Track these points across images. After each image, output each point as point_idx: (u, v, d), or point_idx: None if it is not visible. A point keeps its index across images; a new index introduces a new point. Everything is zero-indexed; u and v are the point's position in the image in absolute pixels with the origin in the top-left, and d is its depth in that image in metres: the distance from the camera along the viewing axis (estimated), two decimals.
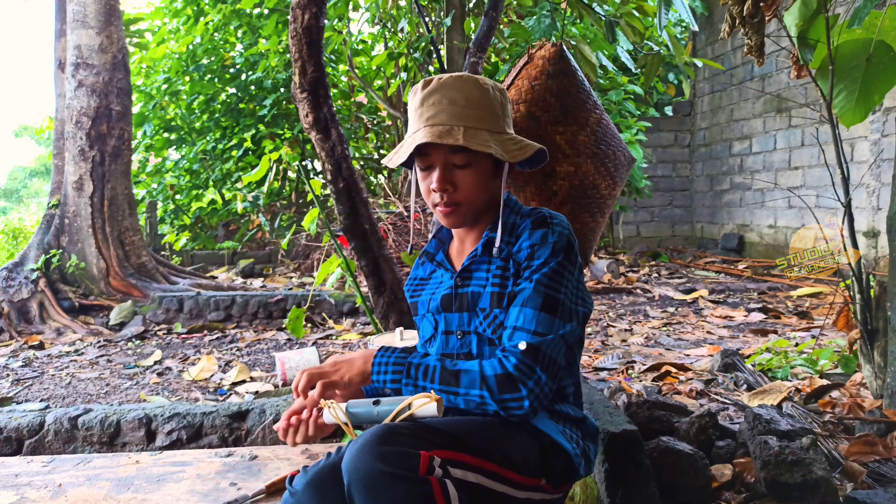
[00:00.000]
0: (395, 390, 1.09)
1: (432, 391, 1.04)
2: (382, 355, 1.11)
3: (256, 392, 2.82)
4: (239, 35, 7.93)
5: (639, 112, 6.83)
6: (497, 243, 1.19)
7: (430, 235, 1.43)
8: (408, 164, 1.27)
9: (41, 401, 2.81)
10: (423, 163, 1.19)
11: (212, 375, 3.13)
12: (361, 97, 8.10)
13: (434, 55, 5.57)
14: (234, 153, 7.61)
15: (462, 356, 1.22)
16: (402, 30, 6.32)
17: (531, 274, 1.14)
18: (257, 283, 5.95)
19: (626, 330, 3.80)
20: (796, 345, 3.00)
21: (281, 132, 7.61)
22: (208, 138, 7.90)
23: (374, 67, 6.81)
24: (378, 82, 7.54)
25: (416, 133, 1.17)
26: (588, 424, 1.21)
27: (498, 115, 1.19)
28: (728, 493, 1.59)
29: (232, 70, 7.89)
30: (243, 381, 3.01)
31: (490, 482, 1.03)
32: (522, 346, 1.07)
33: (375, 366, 1.10)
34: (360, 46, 7.50)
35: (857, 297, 1.99)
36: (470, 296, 1.23)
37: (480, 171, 1.19)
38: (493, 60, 6.57)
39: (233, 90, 7.94)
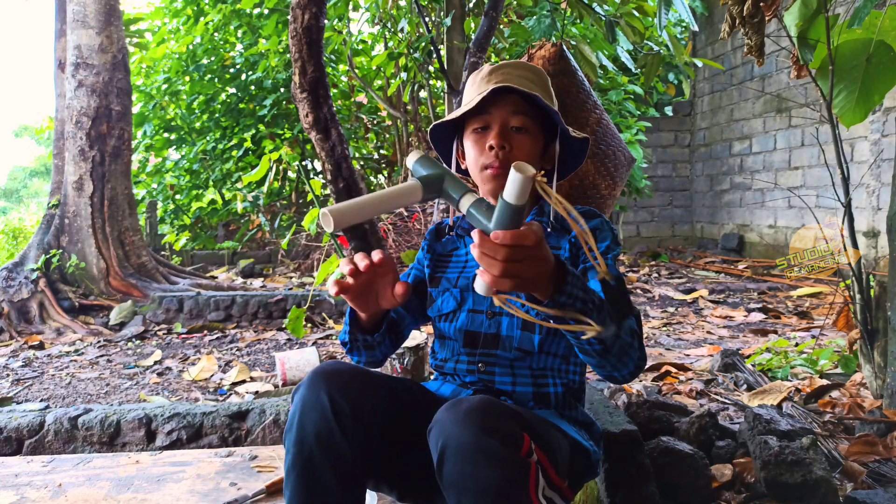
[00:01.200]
0: (581, 310, 0.90)
1: (592, 309, 0.90)
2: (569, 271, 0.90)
3: (256, 392, 2.82)
4: (239, 35, 7.93)
5: (639, 112, 6.83)
6: (551, 219, 1.22)
7: (445, 220, 1.42)
8: (441, 140, 1.29)
9: (41, 401, 2.81)
10: (480, 122, 1.19)
11: (212, 375, 3.13)
12: (361, 97, 8.10)
13: (434, 55, 5.56)
14: (234, 153, 7.61)
15: (489, 336, 1.19)
16: (402, 30, 6.32)
17: (603, 254, 1.15)
18: (257, 283, 5.95)
19: None
20: (796, 345, 3.00)
21: (281, 132, 7.61)
22: (208, 138, 7.90)
23: (374, 67, 6.81)
24: (378, 82, 7.54)
25: (487, 88, 1.16)
26: (595, 428, 1.22)
27: (556, 103, 1.23)
28: (728, 493, 1.59)
29: (232, 70, 7.89)
30: (243, 381, 3.01)
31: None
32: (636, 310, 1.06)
33: (570, 277, 0.88)
34: (360, 46, 7.50)
35: (857, 297, 2.00)
36: None
37: (535, 142, 1.20)
38: (493, 60, 6.57)
39: (233, 90, 7.94)
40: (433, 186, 0.95)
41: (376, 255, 1.00)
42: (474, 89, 1.22)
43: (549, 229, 1.22)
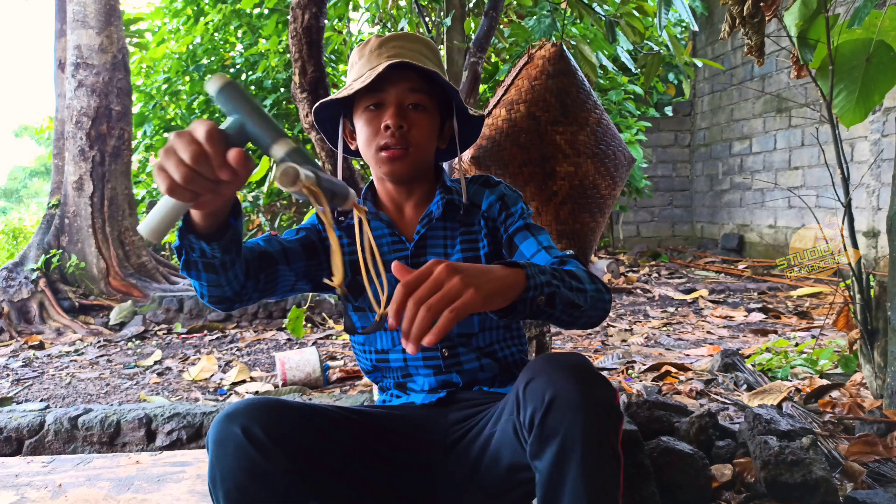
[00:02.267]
0: (549, 296, 0.88)
1: (559, 284, 0.90)
2: (530, 266, 0.89)
3: (256, 392, 2.82)
4: (239, 35, 7.93)
5: (639, 112, 6.83)
6: (465, 199, 1.17)
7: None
8: (327, 120, 1.20)
9: (41, 401, 2.81)
10: (373, 99, 1.11)
11: (212, 375, 3.13)
12: None
13: None
14: None
15: None
16: (402, 30, 6.32)
17: (518, 218, 1.15)
18: None
19: (626, 330, 3.80)
20: (796, 345, 3.00)
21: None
22: None
23: None
24: None
25: (380, 63, 1.09)
26: None
27: (446, 75, 1.19)
28: (728, 493, 1.59)
29: (232, 70, 7.89)
30: (243, 381, 3.01)
31: None
32: (569, 252, 1.07)
33: (527, 268, 0.87)
34: None
35: (857, 297, 1.99)
36: None
37: (432, 121, 1.15)
38: (493, 60, 6.57)
39: None
40: (236, 132, 0.75)
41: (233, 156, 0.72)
42: (364, 63, 1.14)
43: (461, 211, 1.18)
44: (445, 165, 1.65)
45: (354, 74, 1.16)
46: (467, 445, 1.05)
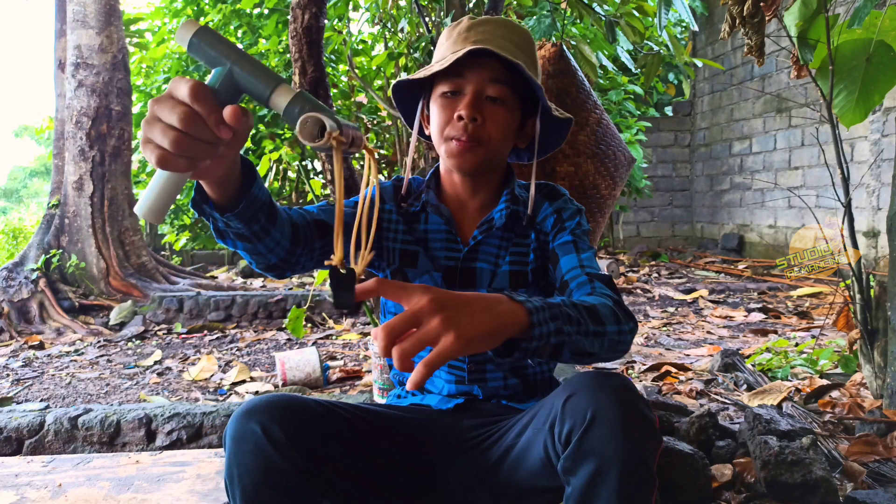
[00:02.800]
0: (555, 347, 0.80)
1: (571, 332, 0.81)
2: (531, 301, 0.79)
3: (256, 392, 2.82)
4: (239, 35, 7.93)
5: (639, 112, 6.83)
6: (529, 210, 1.10)
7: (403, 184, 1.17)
8: (405, 106, 1.14)
9: (41, 401, 2.81)
10: (452, 85, 1.04)
11: (212, 375, 3.13)
12: (361, 97, 8.10)
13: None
14: None
15: None
16: (402, 30, 6.31)
17: (568, 232, 1.09)
18: (257, 283, 5.95)
19: None
20: (796, 345, 3.00)
21: (281, 132, 7.61)
22: None
23: (374, 67, 6.81)
24: (378, 82, 7.53)
25: (463, 48, 1.01)
26: None
27: (540, 74, 1.11)
28: (728, 493, 1.59)
29: None
30: (243, 381, 3.01)
31: None
32: (605, 274, 1.03)
33: (534, 313, 0.77)
34: (360, 46, 7.50)
35: (857, 297, 1.99)
36: (477, 272, 1.12)
37: (511, 117, 1.07)
38: None
39: None
40: (224, 85, 0.64)
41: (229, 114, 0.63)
42: (448, 45, 1.07)
43: (523, 223, 1.13)
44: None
45: (438, 56, 1.09)
46: (483, 452, 1.03)
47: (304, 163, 7.24)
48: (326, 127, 0.63)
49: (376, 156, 0.78)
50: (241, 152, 0.76)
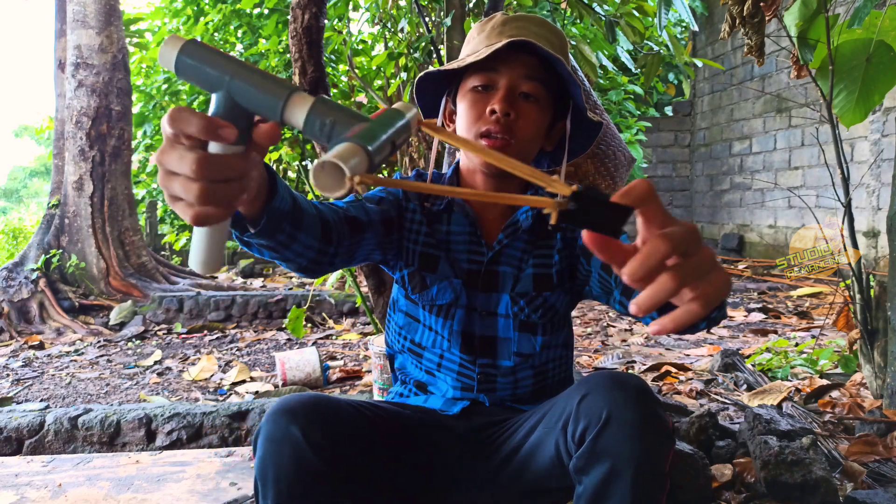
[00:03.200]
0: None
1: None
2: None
3: (256, 392, 2.82)
4: (239, 35, 7.94)
5: (639, 112, 6.83)
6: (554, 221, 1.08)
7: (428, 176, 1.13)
8: (428, 94, 1.08)
9: (41, 401, 2.81)
10: (484, 79, 1.01)
11: (212, 375, 3.13)
12: (361, 97, 8.10)
13: (434, 55, 5.56)
14: None
15: (485, 340, 1.09)
16: (402, 30, 6.31)
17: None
18: (257, 283, 5.95)
19: (626, 330, 3.80)
20: (796, 345, 3.00)
21: (281, 132, 7.61)
22: None
23: (374, 67, 6.81)
24: (378, 82, 7.54)
25: (500, 41, 0.98)
26: None
27: (580, 77, 1.09)
28: (728, 493, 1.59)
29: None
30: (243, 381, 3.01)
31: None
32: None
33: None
34: (360, 46, 7.50)
35: (857, 297, 1.99)
36: (500, 276, 1.09)
37: (543, 115, 1.03)
38: None
39: None
40: (230, 109, 0.54)
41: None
42: (481, 39, 1.04)
43: (549, 226, 1.11)
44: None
45: (469, 50, 1.05)
46: (490, 452, 1.03)
47: (304, 163, 7.24)
48: (345, 171, 0.48)
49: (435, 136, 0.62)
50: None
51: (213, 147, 0.54)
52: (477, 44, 1.04)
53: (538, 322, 1.09)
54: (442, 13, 5.50)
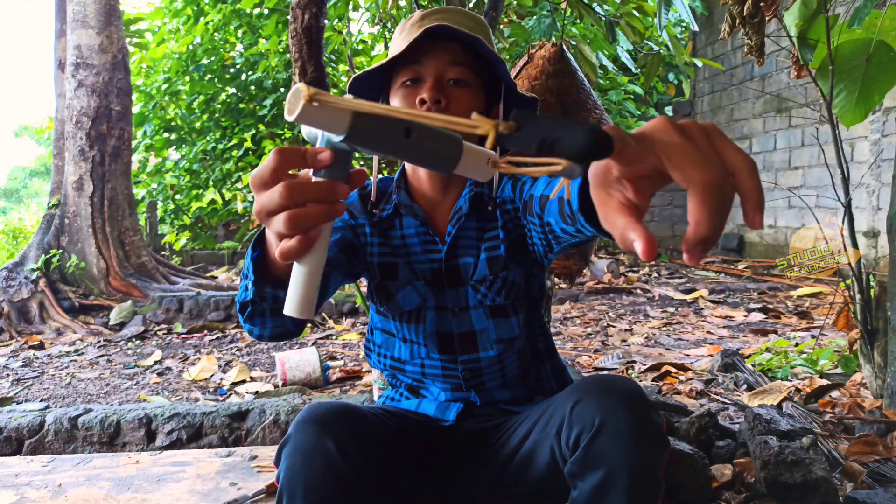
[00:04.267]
0: None
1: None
2: None
3: (256, 392, 2.82)
4: (239, 35, 7.94)
5: (639, 112, 6.84)
6: (494, 193, 1.04)
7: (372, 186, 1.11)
8: (364, 97, 1.10)
9: (41, 401, 2.81)
10: (411, 73, 1.01)
11: (212, 375, 3.13)
12: None
13: None
14: (234, 153, 7.62)
15: (463, 336, 1.08)
16: None
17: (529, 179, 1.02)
18: None
19: (626, 330, 3.80)
20: (796, 345, 3.00)
21: (281, 132, 7.61)
22: (208, 138, 7.91)
23: None
24: None
25: (420, 32, 0.97)
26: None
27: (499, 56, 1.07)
28: (728, 493, 1.59)
29: (232, 70, 7.90)
30: (243, 381, 3.01)
31: None
32: None
33: None
34: (360, 46, 7.50)
35: (857, 297, 1.99)
36: (462, 269, 1.07)
37: (476, 98, 1.02)
38: None
39: (233, 90, 7.94)
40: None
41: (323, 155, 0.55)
42: (404, 37, 1.02)
43: (489, 207, 1.06)
44: None
45: (394, 48, 1.05)
46: (486, 457, 1.03)
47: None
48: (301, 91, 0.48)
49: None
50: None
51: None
52: (400, 42, 1.04)
53: (506, 304, 1.08)
54: None
